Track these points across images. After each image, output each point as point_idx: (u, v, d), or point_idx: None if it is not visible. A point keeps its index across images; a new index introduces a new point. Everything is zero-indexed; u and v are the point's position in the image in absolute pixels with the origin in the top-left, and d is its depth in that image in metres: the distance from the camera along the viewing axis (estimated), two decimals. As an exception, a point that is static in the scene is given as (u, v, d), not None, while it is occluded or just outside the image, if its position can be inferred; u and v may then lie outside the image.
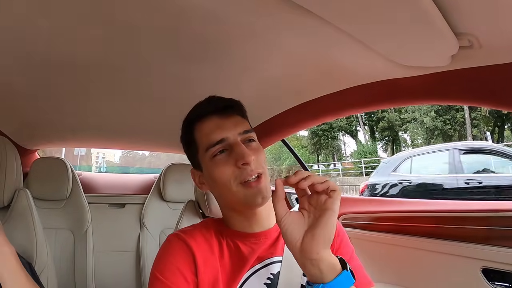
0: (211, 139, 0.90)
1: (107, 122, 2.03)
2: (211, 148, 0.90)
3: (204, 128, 0.93)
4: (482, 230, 1.16)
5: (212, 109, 0.94)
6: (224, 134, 0.90)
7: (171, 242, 0.92)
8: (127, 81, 1.42)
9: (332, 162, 29.19)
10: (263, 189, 0.86)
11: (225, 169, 0.87)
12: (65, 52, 1.14)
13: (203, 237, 0.92)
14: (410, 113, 24.89)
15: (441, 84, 1.04)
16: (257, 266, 0.89)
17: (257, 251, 0.91)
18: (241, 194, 0.86)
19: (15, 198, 1.30)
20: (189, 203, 1.53)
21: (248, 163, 0.85)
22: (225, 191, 0.89)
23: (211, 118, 0.93)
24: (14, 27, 0.97)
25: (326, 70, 1.18)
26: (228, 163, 0.87)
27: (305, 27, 0.91)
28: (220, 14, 0.90)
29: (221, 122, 0.92)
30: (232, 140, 0.89)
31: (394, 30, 0.81)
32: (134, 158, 46.64)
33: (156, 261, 0.89)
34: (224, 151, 0.89)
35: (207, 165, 0.92)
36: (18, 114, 1.77)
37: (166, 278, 0.83)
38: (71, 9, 0.89)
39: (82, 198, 2.22)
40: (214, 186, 0.93)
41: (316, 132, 28.69)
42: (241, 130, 0.92)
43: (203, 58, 1.19)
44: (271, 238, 0.94)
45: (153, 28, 1.00)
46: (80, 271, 2.08)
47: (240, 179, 0.86)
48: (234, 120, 0.94)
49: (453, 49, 0.84)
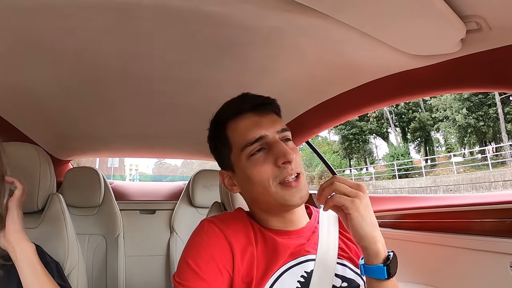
0: (248, 137, 0.86)
1: (136, 132, 2.10)
2: (248, 147, 0.86)
3: (240, 126, 0.90)
4: (508, 223, 1.13)
5: (248, 106, 0.90)
6: (263, 132, 0.87)
7: (205, 227, 0.88)
8: (153, 91, 1.47)
9: (364, 166, 28.75)
10: (302, 189, 0.85)
11: (264, 169, 0.84)
12: (92, 65, 1.20)
13: (238, 224, 0.90)
14: (441, 111, 24.21)
15: (454, 72, 1.03)
16: (291, 263, 0.86)
17: (290, 246, 0.88)
18: (280, 195, 0.84)
19: (48, 202, 1.36)
20: (215, 204, 1.56)
21: (290, 162, 0.83)
22: (262, 192, 0.86)
23: (246, 115, 0.90)
24: (41, 43, 1.03)
25: (340, 68, 1.19)
26: (267, 162, 0.84)
27: (317, 27, 0.92)
28: (237, 19, 0.91)
29: (258, 119, 0.89)
30: (271, 138, 0.87)
31: (398, 20, 0.81)
32: (167, 169, 47.36)
33: (189, 247, 0.85)
34: (261, 150, 0.86)
35: (243, 165, 0.88)
36: (51, 126, 1.87)
37: (199, 267, 0.79)
38: (94, 23, 0.94)
39: (114, 205, 2.31)
40: (250, 187, 0.89)
41: (347, 136, 28.37)
42: (279, 129, 0.89)
43: (224, 63, 1.21)
44: (304, 237, 0.92)
45: (173, 37, 1.03)
46: (111, 274, 2.16)
47: (279, 178, 0.83)
48: (271, 118, 0.91)
49: (461, 33, 0.83)
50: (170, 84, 1.39)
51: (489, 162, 18.64)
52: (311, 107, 1.58)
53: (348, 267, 0.89)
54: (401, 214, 1.46)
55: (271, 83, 1.34)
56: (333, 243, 0.92)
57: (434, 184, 18.12)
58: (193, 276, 0.78)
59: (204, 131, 1.02)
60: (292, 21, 0.90)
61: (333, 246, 0.91)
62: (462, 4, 0.74)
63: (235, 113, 0.92)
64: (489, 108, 22.15)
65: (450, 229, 1.25)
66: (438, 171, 21.77)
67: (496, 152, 21.96)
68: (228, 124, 0.92)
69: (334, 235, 0.94)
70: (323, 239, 0.91)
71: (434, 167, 23.41)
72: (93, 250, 2.18)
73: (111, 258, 2.18)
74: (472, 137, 23.03)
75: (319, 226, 0.96)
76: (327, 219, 0.98)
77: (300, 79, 1.33)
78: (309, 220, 0.98)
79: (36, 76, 1.27)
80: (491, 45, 0.89)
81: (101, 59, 1.16)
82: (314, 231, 0.95)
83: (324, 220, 0.97)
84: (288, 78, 1.32)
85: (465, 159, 22.94)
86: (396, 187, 20.06)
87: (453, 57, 0.97)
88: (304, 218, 0.97)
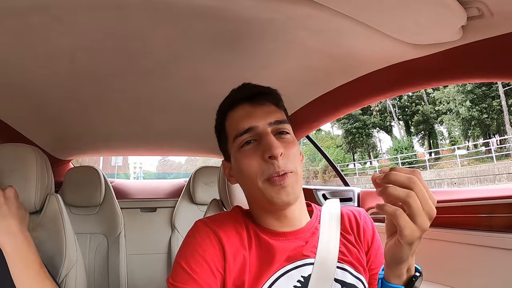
0: (239, 127, 0.85)
1: (136, 130, 2.09)
2: (238, 137, 0.85)
3: (235, 116, 0.89)
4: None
5: (243, 96, 0.89)
6: (253, 122, 0.84)
7: (199, 229, 0.86)
8: (151, 88, 1.46)
9: (368, 160, 28.75)
10: (288, 187, 0.80)
11: (252, 162, 0.82)
12: (89, 64, 1.19)
13: (232, 226, 0.87)
14: (444, 104, 24.17)
15: (456, 61, 1.00)
16: (288, 267, 0.83)
17: (286, 249, 0.85)
18: (267, 191, 0.81)
19: (46, 203, 1.36)
20: (213, 201, 1.55)
21: (275, 157, 0.79)
22: (252, 186, 0.84)
23: (242, 105, 0.89)
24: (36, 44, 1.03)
25: (339, 59, 1.17)
26: (255, 155, 0.82)
27: (313, 18, 0.90)
28: (231, 12, 0.90)
29: (252, 110, 0.87)
30: (261, 130, 0.84)
31: (395, 7, 0.79)
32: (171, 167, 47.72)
33: (182, 248, 0.84)
34: (251, 142, 0.84)
35: (235, 156, 0.87)
36: (50, 126, 1.87)
37: (192, 269, 0.78)
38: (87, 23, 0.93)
39: (114, 204, 2.32)
40: (241, 180, 0.89)
41: (350, 130, 28.39)
42: (273, 120, 0.85)
43: (220, 57, 1.19)
44: (302, 238, 0.88)
45: (167, 33, 1.01)
46: (113, 273, 2.17)
47: (266, 174, 0.80)
48: (266, 109, 0.88)
49: (461, 20, 0.80)
50: (168, 81, 1.38)
51: (494, 155, 18.60)
52: (310, 100, 1.56)
53: (348, 272, 0.86)
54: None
55: (269, 76, 1.32)
56: (334, 246, 0.88)
57: (438, 177, 18.09)
58: (186, 278, 0.77)
59: (204, 127, 1.01)
60: (287, 12, 0.88)
61: (334, 249, 0.87)
62: None
63: (233, 103, 0.91)
64: (492, 100, 22.07)
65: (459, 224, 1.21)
66: (442, 164, 21.75)
67: (500, 144, 21.90)
68: (227, 115, 0.91)
69: (335, 237, 0.90)
70: (323, 242, 0.88)
71: (438, 160, 23.37)
72: (94, 249, 2.20)
73: (113, 257, 2.20)
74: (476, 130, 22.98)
75: (320, 226, 0.92)
76: (328, 218, 0.94)
77: (298, 72, 1.31)
78: (309, 219, 0.94)
79: (34, 77, 1.27)
80: (494, 32, 0.86)
81: (97, 58, 1.15)
82: (314, 232, 0.91)
83: (326, 219, 0.94)
84: (286, 71, 1.30)
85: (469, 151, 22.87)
86: (400, 180, 20.02)
87: (454, 45, 0.94)
88: (303, 217, 0.93)
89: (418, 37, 0.94)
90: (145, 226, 2.49)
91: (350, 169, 27.45)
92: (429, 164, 21.44)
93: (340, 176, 2.17)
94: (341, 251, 0.88)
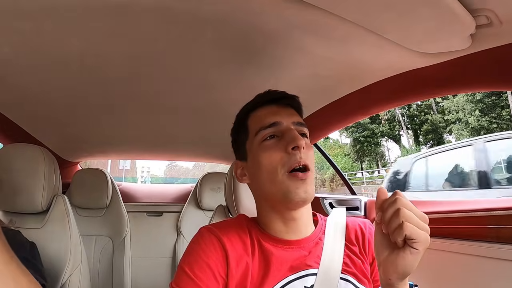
0: (264, 121, 0.88)
1: (144, 134, 2.10)
2: (262, 131, 0.87)
3: (259, 113, 0.92)
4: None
5: (269, 98, 0.93)
6: (279, 118, 0.88)
7: (203, 235, 0.87)
8: (160, 93, 1.46)
9: (376, 169, 28.55)
10: (308, 185, 0.83)
11: (274, 154, 0.84)
12: (97, 68, 1.20)
13: (236, 233, 0.88)
14: (454, 113, 23.94)
15: (464, 70, 0.99)
16: (291, 277, 0.83)
17: (289, 258, 0.85)
18: (285, 184, 0.82)
19: (53, 203, 1.37)
20: (219, 207, 1.55)
21: (299, 147, 0.82)
22: (269, 180, 0.85)
23: (267, 106, 0.92)
24: (45, 48, 1.04)
25: (347, 67, 1.16)
26: (277, 148, 0.84)
27: (320, 25, 0.90)
28: (240, 18, 0.90)
29: (277, 109, 0.91)
30: (285, 126, 0.87)
31: (404, 15, 0.79)
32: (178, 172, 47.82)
33: (186, 254, 0.85)
34: (274, 137, 0.87)
35: (255, 150, 0.89)
36: (59, 128, 1.89)
37: (195, 274, 0.79)
38: (97, 27, 0.94)
39: (121, 207, 2.32)
40: (258, 175, 0.88)
41: (359, 139, 28.24)
42: (296, 120, 0.90)
43: (228, 64, 1.20)
44: (306, 248, 0.89)
45: (176, 39, 1.02)
46: (117, 276, 2.17)
47: (288, 166, 0.82)
48: (291, 111, 0.92)
49: (470, 28, 0.80)
50: (177, 86, 1.38)
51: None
52: (318, 108, 1.56)
53: (351, 283, 0.85)
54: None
55: (277, 83, 1.32)
56: (338, 257, 0.88)
57: (446, 188, 17.85)
58: (189, 283, 0.78)
59: (212, 133, 1.01)
60: (295, 19, 0.89)
61: (338, 260, 0.87)
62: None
63: (257, 105, 0.94)
64: (502, 110, 21.83)
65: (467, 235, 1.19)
66: (451, 174, 21.49)
67: (510, 155, 21.63)
68: (250, 114, 0.95)
69: (340, 248, 0.90)
70: (327, 252, 0.88)
71: (447, 170, 23.11)
72: (99, 251, 2.20)
73: (117, 260, 2.20)
74: (485, 140, 22.72)
75: (325, 236, 0.92)
76: (333, 229, 0.94)
77: (306, 80, 1.31)
78: (314, 229, 0.95)
79: (44, 79, 1.28)
80: (502, 41, 0.85)
81: (106, 62, 1.16)
82: (317, 243, 0.91)
83: (331, 230, 0.94)
84: (294, 78, 1.30)
85: (479, 161, 22.60)
86: (408, 190, 19.83)
87: (462, 54, 0.94)
88: (309, 227, 0.93)
89: (427, 45, 0.94)
90: (150, 230, 2.48)
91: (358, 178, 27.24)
92: (437, 174, 21.21)
93: (347, 185, 2.16)
94: (345, 262, 0.88)
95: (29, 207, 1.32)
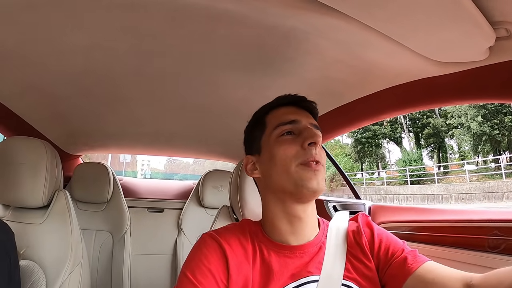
0: (284, 118, 0.91)
1: (148, 130, 2.09)
2: (281, 126, 0.89)
3: (279, 111, 0.95)
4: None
5: (290, 100, 0.96)
6: (298, 117, 0.91)
7: (205, 241, 0.88)
8: (165, 90, 1.45)
9: (376, 171, 28.58)
10: (319, 176, 0.85)
11: (289, 148, 0.86)
12: (103, 62, 1.19)
13: (237, 239, 0.89)
14: (456, 118, 23.95)
15: (478, 80, 0.98)
16: (291, 285, 0.82)
17: (291, 266, 0.85)
18: (298, 174, 0.84)
19: (54, 198, 1.36)
20: (223, 208, 1.53)
21: (316, 143, 0.85)
22: (282, 171, 0.86)
23: (287, 106, 0.95)
24: (52, 40, 1.02)
25: (360, 72, 1.15)
26: (294, 143, 0.86)
27: (338, 29, 0.89)
28: (253, 17, 0.89)
29: (297, 110, 0.94)
30: (303, 125, 0.89)
31: (424, 24, 0.78)
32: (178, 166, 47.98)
33: (188, 260, 0.86)
34: (291, 134, 0.89)
35: (271, 144, 0.90)
36: (61, 121, 1.87)
37: (197, 279, 0.79)
38: (106, 21, 0.93)
39: (122, 202, 2.31)
40: (271, 168, 0.90)
41: (360, 139, 28.22)
42: (314, 122, 0.93)
43: (238, 63, 1.18)
44: (308, 254, 0.88)
45: (187, 36, 1.00)
46: (116, 271, 2.17)
47: (302, 159, 0.84)
48: (308, 114, 0.95)
49: (490, 40, 0.79)
50: (183, 83, 1.37)
51: (503, 172, 18.35)
52: (327, 111, 1.55)
53: None
54: (417, 226, 1.41)
55: (286, 84, 1.31)
56: (340, 263, 0.87)
57: (446, 192, 17.86)
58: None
59: (216, 131, 1.00)
60: (312, 21, 0.88)
61: (340, 266, 0.87)
62: (492, 9, 0.70)
63: (278, 105, 0.97)
64: (504, 116, 21.82)
65: (468, 245, 1.19)
66: (450, 179, 21.51)
67: (511, 161, 21.65)
68: (269, 112, 0.97)
69: (342, 254, 0.89)
70: (329, 259, 0.88)
71: (447, 174, 23.12)
72: (99, 246, 2.19)
73: (117, 255, 2.19)
74: (487, 146, 22.69)
75: (327, 241, 0.92)
76: (335, 234, 0.94)
77: (317, 82, 1.30)
78: (317, 232, 0.94)
79: (48, 72, 1.27)
80: (520, 54, 0.85)
81: (113, 56, 1.15)
82: (320, 247, 0.90)
83: (333, 235, 0.94)
84: (304, 80, 1.29)
85: (479, 167, 22.56)
86: (408, 193, 19.84)
87: (479, 65, 0.93)
88: (314, 230, 0.93)
89: (444, 55, 0.93)
90: (151, 226, 2.47)
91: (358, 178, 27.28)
92: (437, 178, 21.20)
93: (352, 188, 2.14)
94: (346, 267, 0.87)
95: (30, 202, 1.30)
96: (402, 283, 0.83)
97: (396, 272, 0.84)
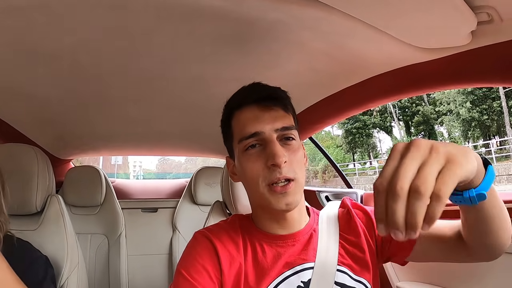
0: (245, 131, 0.85)
1: (137, 130, 2.08)
2: (244, 140, 0.85)
3: (241, 117, 0.88)
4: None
5: (252, 98, 0.88)
6: (260, 127, 0.84)
7: (197, 239, 0.91)
8: (153, 88, 1.44)
9: (368, 160, 28.75)
10: (289, 196, 0.81)
11: (255, 166, 0.83)
12: (90, 64, 1.18)
13: (228, 235, 0.90)
14: (445, 105, 24.18)
15: (462, 66, 0.99)
16: (287, 273, 0.84)
17: (284, 255, 0.86)
18: (266, 196, 0.82)
19: (47, 204, 1.35)
20: (216, 203, 1.54)
21: (278, 166, 0.80)
22: (253, 188, 0.85)
23: (250, 107, 0.88)
24: (36, 43, 1.01)
25: (345, 62, 1.16)
26: (259, 159, 0.83)
27: (320, 20, 0.89)
28: (237, 12, 0.88)
29: (260, 114, 0.86)
30: (267, 136, 0.83)
31: (405, 10, 0.78)
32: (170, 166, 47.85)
33: (182, 258, 0.88)
34: (257, 146, 0.85)
35: (239, 156, 0.88)
36: (50, 126, 1.86)
37: (192, 276, 0.81)
38: (90, 22, 0.92)
39: (115, 204, 2.31)
40: (244, 180, 0.90)
41: (350, 130, 28.40)
42: (280, 126, 0.85)
43: (224, 58, 1.18)
44: (300, 242, 0.89)
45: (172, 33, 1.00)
46: (114, 273, 2.17)
47: (268, 180, 0.81)
48: (274, 114, 0.86)
49: (471, 25, 0.80)
50: (171, 81, 1.36)
51: (493, 156, 18.58)
52: (314, 102, 1.56)
53: (347, 274, 0.85)
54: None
55: (273, 77, 1.30)
56: (333, 249, 0.88)
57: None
58: (188, 285, 0.81)
59: (206, 128, 1.00)
60: (295, 13, 0.87)
61: (333, 251, 0.88)
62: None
63: (240, 104, 0.91)
64: (493, 101, 22.08)
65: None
66: (442, 165, 21.66)
67: (500, 146, 21.91)
68: (234, 113, 0.92)
69: (335, 240, 0.90)
70: (323, 245, 0.89)
71: (438, 160, 23.29)
72: (95, 249, 2.19)
73: (113, 257, 2.19)
74: (476, 131, 22.97)
75: (319, 228, 0.93)
76: (326, 220, 0.95)
77: (303, 74, 1.30)
78: (308, 220, 0.95)
79: (34, 77, 1.25)
80: (502, 38, 0.85)
81: (99, 58, 1.14)
82: (311, 235, 0.91)
83: (324, 221, 0.95)
84: (291, 72, 1.29)
85: (469, 152, 22.79)
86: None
87: (462, 50, 0.94)
88: (302, 219, 0.93)
89: (427, 41, 0.94)
90: (146, 226, 2.48)
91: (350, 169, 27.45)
92: (429, 165, 21.35)
93: (343, 178, 2.16)
94: (340, 253, 0.88)
95: (24, 209, 1.29)
96: (412, 246, 0.88)
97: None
